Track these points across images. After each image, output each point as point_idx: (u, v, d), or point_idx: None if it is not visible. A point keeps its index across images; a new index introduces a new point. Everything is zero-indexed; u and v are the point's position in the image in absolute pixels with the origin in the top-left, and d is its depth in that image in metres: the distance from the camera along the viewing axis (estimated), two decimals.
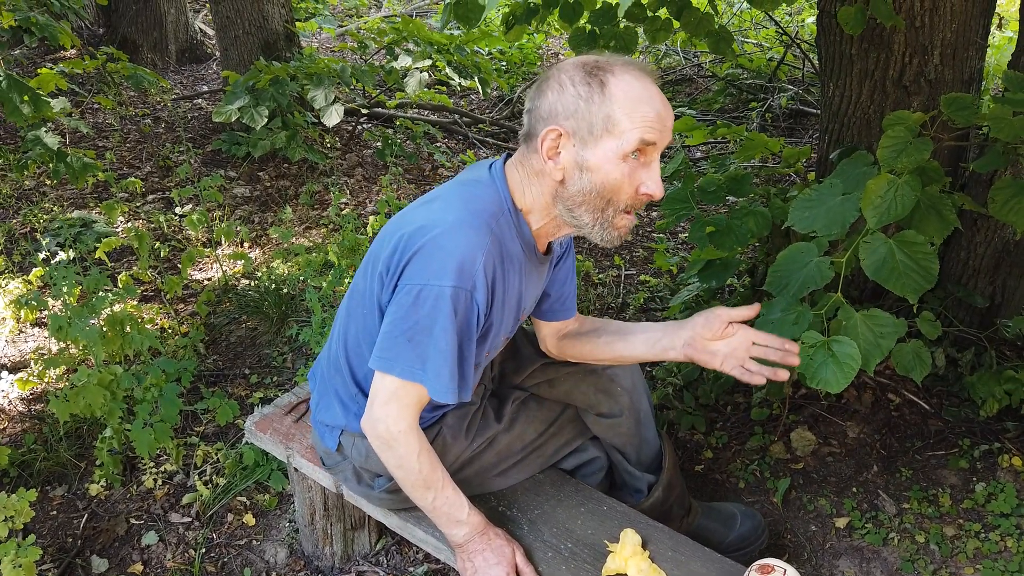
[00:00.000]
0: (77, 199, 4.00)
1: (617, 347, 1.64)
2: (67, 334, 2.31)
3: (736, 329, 1.46)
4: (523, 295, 1.48)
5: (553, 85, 1.31)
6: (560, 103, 1.29)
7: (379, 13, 7.86)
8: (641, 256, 3.54)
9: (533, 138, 1.34)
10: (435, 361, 1.33)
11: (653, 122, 1.28)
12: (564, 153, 1.31)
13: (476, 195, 1.38)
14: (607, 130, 1.27)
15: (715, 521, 1.86)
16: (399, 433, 1.40)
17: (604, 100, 1.27)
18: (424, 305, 1.31)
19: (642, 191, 1.32)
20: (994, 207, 1.65)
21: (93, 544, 2.08)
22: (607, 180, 1.30)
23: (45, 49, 5.84)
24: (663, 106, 1.30)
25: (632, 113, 1.27)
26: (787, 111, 4.84)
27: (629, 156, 1.28)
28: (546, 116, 1.31)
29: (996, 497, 1.99)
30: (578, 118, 1.28)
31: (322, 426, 1.65)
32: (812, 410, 2.32)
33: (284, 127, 4.20)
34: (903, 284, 1.50)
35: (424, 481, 1.44)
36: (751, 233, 2.04)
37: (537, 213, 1.40)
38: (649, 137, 1.28)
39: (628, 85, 1.28)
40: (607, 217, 1.34)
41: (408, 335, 1.33)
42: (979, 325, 2.32)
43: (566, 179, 1.33)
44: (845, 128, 2.33)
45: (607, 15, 2.28)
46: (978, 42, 2.19)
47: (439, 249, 1.30)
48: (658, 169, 1.32)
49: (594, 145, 1.29)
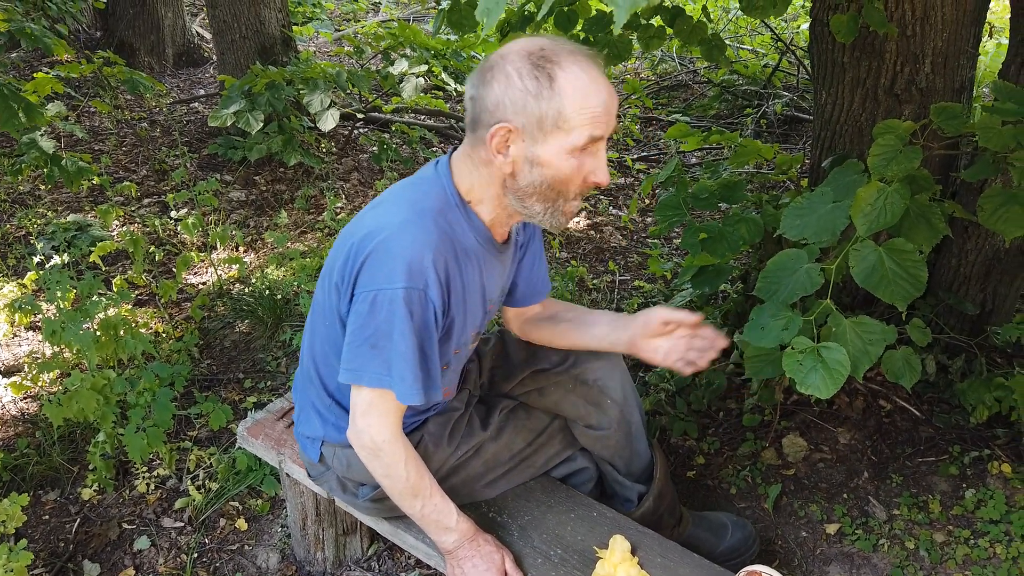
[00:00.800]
0: (72, 203, 4.00)
1: (572, 336, 1.69)
2: (61, 338, 2.31)
3: (675, 327, 1.56)
4: (486, 287, 1.48)
5: (499, 76, 1.28)
6: (508, 97, 1.27)
7: (376, 18, 7.87)
8: (635, 262, 3.55)
9: (479, 128, 1.32)
10: (398, 365, 1.34)
11: (601, 116, 1.29)
12: (513, 148, 1.31)
13: (421, 193, 1.39)
14: (557, 126, 1.27)
15: (706, 531, 1.86)
16: (383, 443, 1.41)
17: (553, 95, 1.25)
18: (381, 311, 1.32)
19: (591, 180, 1.34)
20: (983, 215, 1.66)
21: (85, 548, 2.07)
22: (557, 174, 1.31)
23: (41, 53, 5.84)
24: (609, 96, 1.30)
25: (581, 109, 1.26)
26: (782, 117, 4.86)
27: (577, 150, 1.30)
28: (492, 109, 1.29)
29: (985, 504, 2.00)
30: (527, 114, 1.27)
31: (304, 438, 1.66)
32: (804, 416, 2.33)
33: (280, 131, 4.21)
34: (892, 291, 1.51)
35: (412, 489, 1.45)
36: (743, 240, 2.05)
37: (487, 203, 1.41)
38: (598, 132, 1.29)
39: (576, 78, 1.26)
40: (558, 207, 1.36)
41: (371, 342, 1.34)
42: (969, 332, 2.33)
43: (516, 172, 1.33)
44: (837, 136, 2.34)
45: (601, 23, 2.29)
46: (969, 51, 2.21)
47: (387, 253, 1.31)
48: (604, 157, 1.34)
49: (544, 141, 1.29)
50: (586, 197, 4.17)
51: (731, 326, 2.51)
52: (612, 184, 4.39)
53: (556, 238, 3.72)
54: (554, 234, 3.70)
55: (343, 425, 1.57)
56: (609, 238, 3.79)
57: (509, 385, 1.77)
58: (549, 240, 3.72)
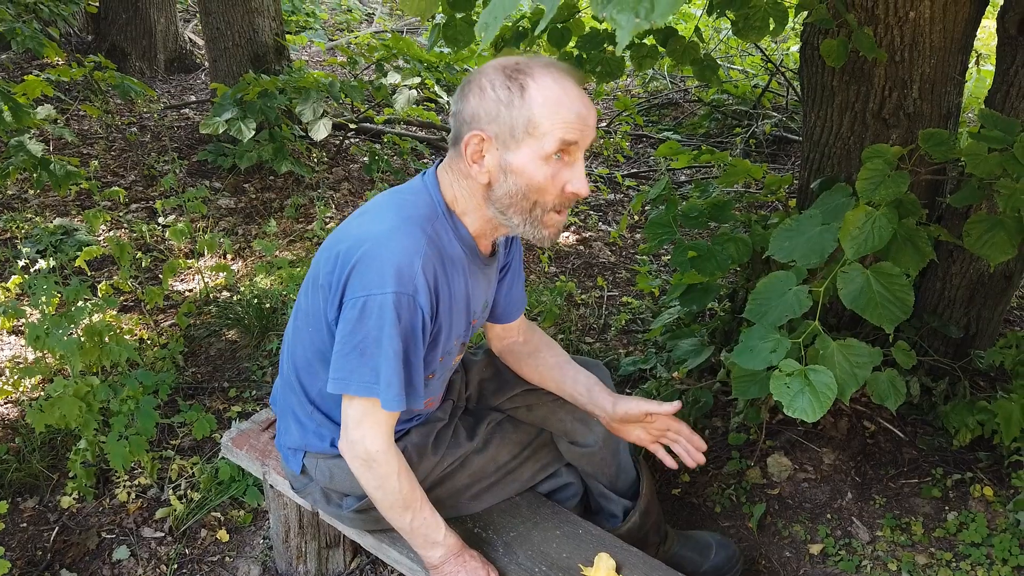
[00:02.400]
0: (59, 207, 3.97)
1: (550, 384, 1.70)
2: (44, 344, 2.28)
3: (656, 418, 1.60)
4: (471, 298, 1.49)
5: (475, 89, 1.32)
6: (482, 107, 1.30)
7: (369, 29, 7.90)
8: (624, 278, 3.56)
9: (459, 142, 1.35)
10: (385, 371, 1.34)
11: (573, 123, 1.29)
12: (488, 157, 1.32)
13: (408, 202, 1.40)
14: (528, 133, 1.29)
15: (691, 550, 1.86)
16: (377, 453, 1.40)
17: (524, 104, 1.28)
18: (370, 316, 1.32)
19: (568, 190, 1.34)
20: (969, 240, 1.68)
21: (63, 558, 2.05)
22: (531, 182, 1.32)
23: (32, 55, 5.81)
24: (583, 106, 1.31)
25: (552, 115, 1.28)
26: (771, 138, 4.90)
27: (552, 157, 1.30)
28: (469, 120, 1.32)
29: (967, 527, 2.01)
30: (500, 122, 1.29)
31: (285, 450, 1.64)
32: (789, 436, 2.34)
33: (271, 140, 4.20)
34: (879, 314, 1.52)
35: (403, 501, 1.44)
36: (732, 259, 2.07)
37: (472, 215, 1.42)
38: (569, 137, 1.29)
39: (547, 88, 1.29)
40: (536, 217, 1.36)
41: (359, 349, 1.34)
42: (953, 355, 2.35)
43: (492, 182, 1.35)
44: (825, 158, 2.37)
45: (594, 41, 2.31)
46: (956, 78, 2.24)
47: (376, 259, 1.32)
48: (582, 168, 1.35)
49: (516, 148, 1.30)
50: (572, 210, 4.18)
51: (718, 344, 2.53)
52: (602, 200, 4.41)
53: (545, 252, 3.73)
54: (544, 248, 3.71)
55: (324, 432, 1.56)
56: (598, 253, 3.80)
57: (499, 399, 1.77)
58: (538, 255, 3.72)
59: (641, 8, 0.61)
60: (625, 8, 0.61)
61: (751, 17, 1.96)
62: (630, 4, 0.61)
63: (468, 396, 1.81)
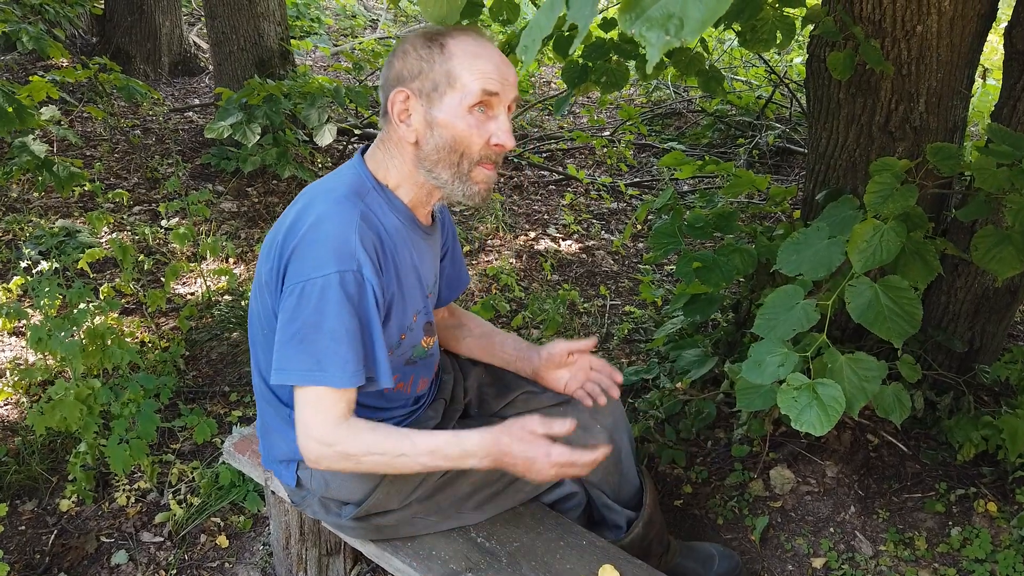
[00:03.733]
0: (62, 209, 3.96)
1: (479, 352, 1.80)
2: (46, 346, 2.27)
3: (577, 357, 1.69)
4: (420, 269, 1.50)
5: (398, 54, 1.38)
6: (404, 68, 1.36)
7: (374, 34, 7.91)
8: (626, 286, 3.56)
9: (387, 109, 1.39)
10: (333, 353, 1.30)
11: (492, 74, 1.35)
12: (414, 114, 1.37)
13: (335, 183, 1.42)
14: (450, 85, 1.34)
15: (693, 561, 1.85)
16: (332, 437, 1.34)
17: (444, 58, 1.34)
18: (309, 300, 1.30)
19: (493, 142, 1.38)
20: (976, 255, 1.68)
21: (61, 561, 2.03)
22: (456, 133, 1.35)
23: (37, 56, 5.82)
24: (502, 61, 1.37)
25: (471, 67, 1.34)
26: (773, 149, 4.90)
27: (475, 109, 1.34)
28: (393, 83, 1.38)
29: (971, 542, 2.01)
30: (422, 78, 1.35)
31: (276, 464, 1.62)
32: (792, 448, 2.33)
33: (275, 144, 4.20)
34: (888, 328, 1.52)
35: (391, 451, 1.36)
36: (737, 270, 2.07)
37: (405, 185, 1.44)
38: (490, 87, 1.34)
39: (466, 44, 1.35)
40: (463, 171, 1.39)
41: (297, 337, 1.32)
42: (958, 369, 2.34)
43: (420, 140, 1.38)
44: (831, 170, 2.37)
45: (600, 50, 2.31)
46: (962, 91, 2.24)
47: (312, 243, 1.32)
48: (506, 121, 1.38)
49: (439, 101, 1.35)
50: (575, 219, 4.18)
51: (721, 355, 2.52)
52: (605, 208, 4.41)
53: (548, 260, 3.72)
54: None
55: None
56: (601, 262, 3.79)
57: (501, 403, 1.77)
58: (541, 263, 3.72)
59: (671, 25, 0.61)
60: (654, 25, 0.61)
61: (758, 29, 1.96)
62: (659, 21, 0.61)
63: (468, 402, 1.81)
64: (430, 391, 1.70)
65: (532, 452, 1.36)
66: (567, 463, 1.37)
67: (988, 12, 2.12)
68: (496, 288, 3.47)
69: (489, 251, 3.85)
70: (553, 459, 1.36)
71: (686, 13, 0.60)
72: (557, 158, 5.16)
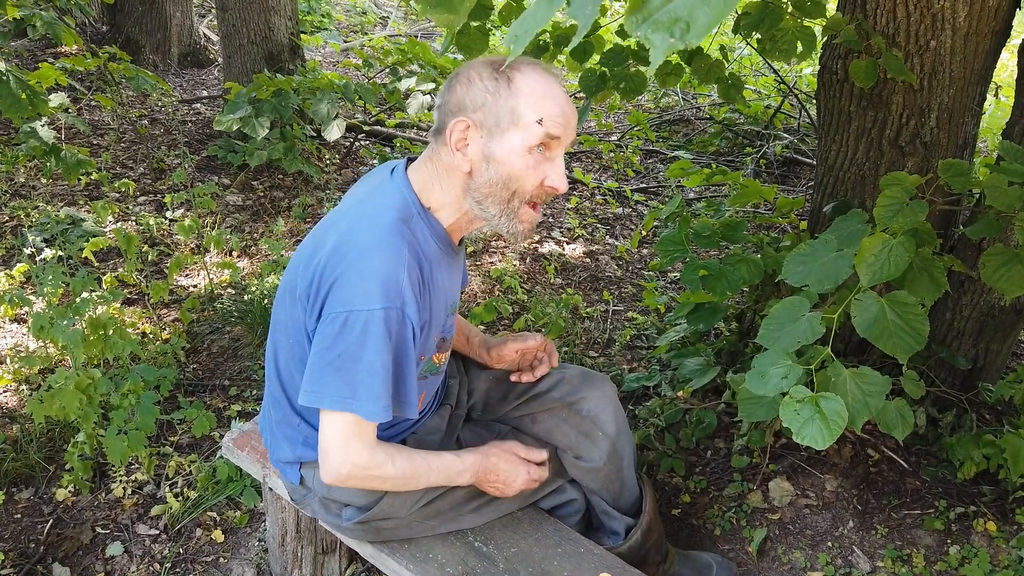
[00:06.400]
0: (68, 196, 3.96)
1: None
2: (48, 334, 2.27)
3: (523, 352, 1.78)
4: (448, 291, 1.50)
5: (462, 80, 1.35)
6: (468, 97, 1.33)
7: (384, 32, 7.91)
8: (630, 292, 3.55)
9: (442, 132, 1.36)
10: (368, 385, 1.32)
11: (557, 117, 1.33)
12: (472, 145, 1.34)
13: (382, 206, 1.38)
14: (513, 123, 1.31)
15: (691, 570, 1.84)
16: (366, 462, 1.39)
17: (510, 94, 1.31)
18: (352, 331, 1.30)
19: (547, 184, 1.36)
20: (985, 273, 1.67)
21: (56, 551, 2.03)
22: (512, 172, 1.33)
23: (47, 42, 5.82)
24: (567, 104, 1.35)
25: (537, 107, 1.31)
26: (781, 159, 4.90)
27: (534, 149, 1.33)
28: (455, 110, 1.35)
29: (969, 561, 1.99)
30: (485, 111, 1.32)
31: (281, 464, 1.63)
32: (792, 460, 2.32)
33: (282, 138, 4.20)
34: (893, 344, 1.51)
35: (412, 476, 1.45)
36: (743, 280, 2.06)
37: (448, 208, 1.42)
38: (553, 131, 1.32)
39: (534, 81, 1.32)
40: (512, 208, 1.37)
41: (335, 365, 1.32)
42: (961, 387, 2.33)
43: (473, 171, 1.36)
44: (839, 182, 2.36)
45: (617, 57, 2.30)
46: (974, 108, 2.23)
47: (359, 273, 1.30)
48: (562, 164, 1.38)
49: (500, 137, 1.32)
50: (580, 223, 4.17)
51: (724, 365, 2.51)
52: (610, 213, 4.40)
53: (552, 264, 3.71)
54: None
55: (313, 441, 1.53)
56: (605, 267, 3.79)
57: (504, 409, 1.76)
58: (544, 266, 3.71)
59: (676, 28, 0.60)
60: (660, 28, 0.60)
61: (778, 39, 1.95)
62: (665, 24, 0.60)
63: (472, 405, 1.80)
64: (435, 400, 1.70)
65: (515, 471, 1.57)
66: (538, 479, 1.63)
67: (1002, 29, 2.11)
68: (499, 290, 3.47)
69: (493, 252, 3.84)
70: (533, 477, 1.61)
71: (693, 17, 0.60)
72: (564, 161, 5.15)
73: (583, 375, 1.77)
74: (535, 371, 1.75)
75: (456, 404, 1.75)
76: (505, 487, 1.57)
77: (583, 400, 1.72)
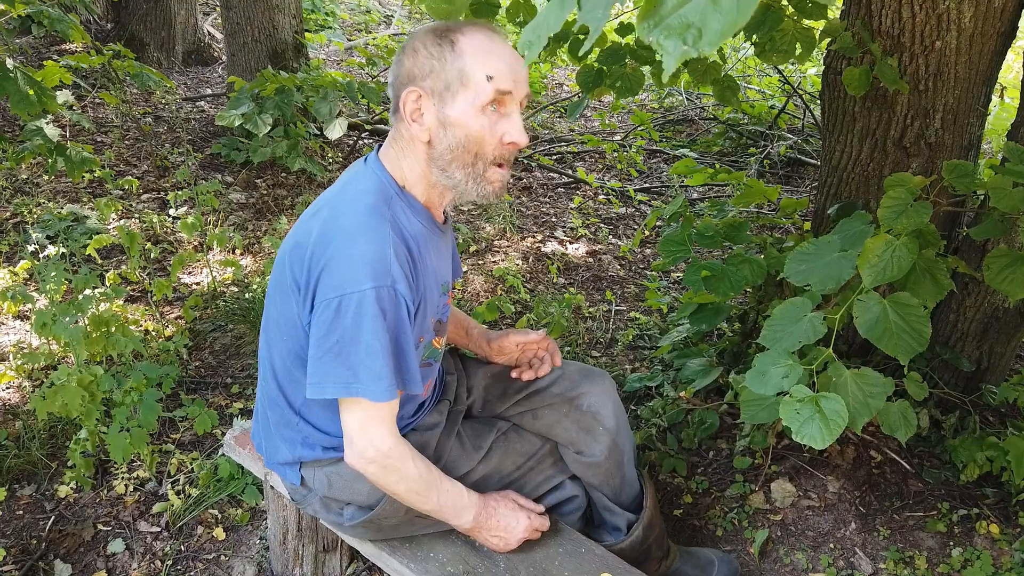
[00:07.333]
0: (71, 193, 3.97)
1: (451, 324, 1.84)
2: (50, 331, 2.27)
3: (524, 346, 1.78)
4: (438, 270, 1.50)
5: (408, 52, 1.35)
6: (416, 66, 1.34)
7: (388, 31, 7.91)
8: (632, 292, 3.55)
9: (398, 107, 1.37)
10: (369, 366, 1.32)
11: (505, 72, 1.32)
12: (426, 113, 1.34)
13: (360, 191, 1.39)
14: (463, 84, 1.31)
15: (693, 566, 1.84)
16: (390, 450, 1.39)
17: (456, 56, 1.31)
18: (346, 315, 1.30)
19: (506, 140, 1.36)
20: (989, 275, 1.66)
21: (58, 548, 2.03)
22: (470, 133, 1.34)
23: (51, 40, 5.83)
24: (513, 58, 1.34)
25: (484, 65, 1.31)
26: (785, 159, 4.89)
27: (487, 107, 1.33)
28: (405, 82, 1.36)
29: (972, 564, 1.99)
30: (434, 77, 1.32)
31: (279, 466, 1.62)
32: (794, 461, 2.32)
33: (285, 136, 4.20)
34: (895, 345, 1.50)
35: (426, 484, 1.44)
36: (745, 280, 2.05)
37: (419, 184, 1.43)
38: (503, 86, 1.32)
39: (478, 41, 1.32)
40: (478, 171, 1.37)
41: (334, 351, 1.32)
42: (964, 389, 2.33)
43: (432, 139, 1.36)
44: (843, 183, 2.36)
45: (615, 55, 2.30)
46: (979, 109, 2.23)
47: (346, 258, 1.31)
48: (519, 118, 1.37)
49: (452, 101, 1.32)
50: (583, 223, 4.17)
51: (726, 365, 2.51)
52: (613, 213, 4.39)
53: (554, 263, 3.71)
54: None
55: (312, 441, 1.54)
56: (608, 267, 3.78)
57: (504, 405, 1.76)
58: (547, 266, 3.71)
59: (689, 35, 0.59)
60: (672, 34, 0.60)
61: (777, 41, 1.95)
62: (678, 30, 0.60)
63: (472, 402, 1.80)
64: (433, 394, 1.69)
65: (515, 516, 1.55)
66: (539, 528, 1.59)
67: (1008, 30, 2.10)
68: (502, 289, 3.47)
69: (496, 252, 3.84)
70: (535, 526, 1.57)
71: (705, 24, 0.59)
72: (567, 161, 5.15)
73: (583, 371, 1.77)
74: (537, 369, 1.75)
75: (455, 400, 1.75)
76: (507, 534, 1.54)
77: (583, 395, 1.72)
